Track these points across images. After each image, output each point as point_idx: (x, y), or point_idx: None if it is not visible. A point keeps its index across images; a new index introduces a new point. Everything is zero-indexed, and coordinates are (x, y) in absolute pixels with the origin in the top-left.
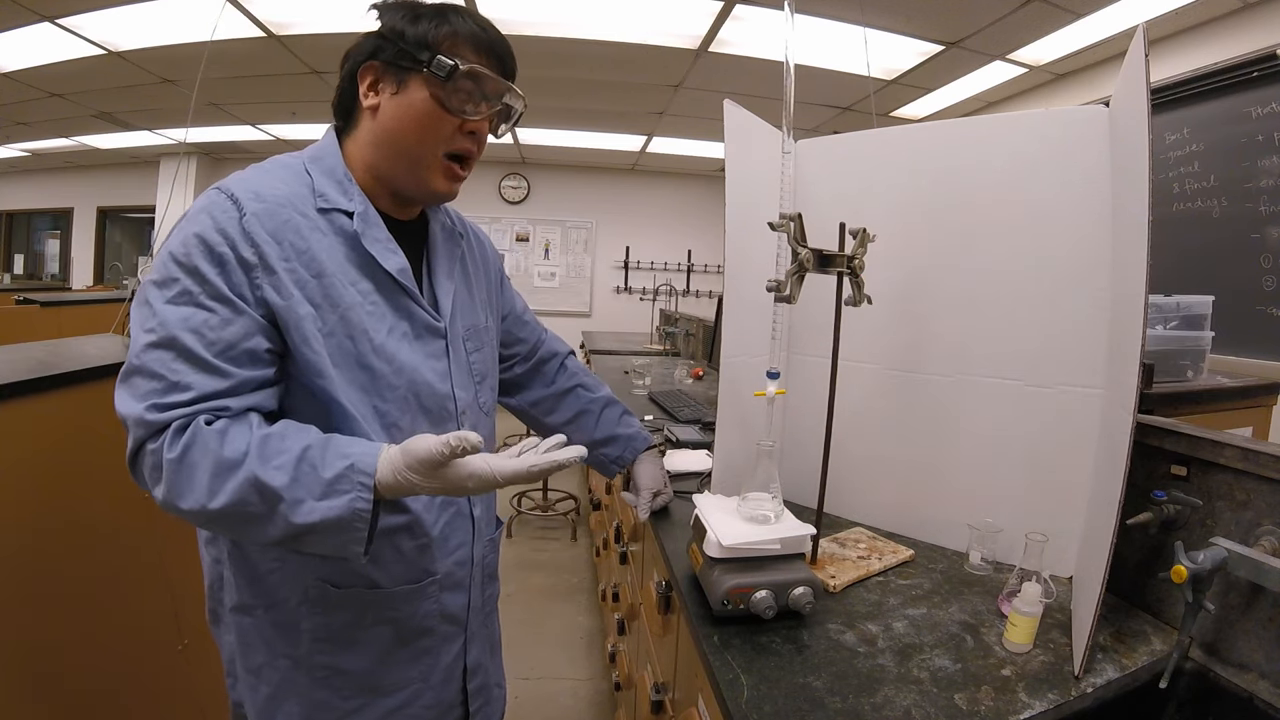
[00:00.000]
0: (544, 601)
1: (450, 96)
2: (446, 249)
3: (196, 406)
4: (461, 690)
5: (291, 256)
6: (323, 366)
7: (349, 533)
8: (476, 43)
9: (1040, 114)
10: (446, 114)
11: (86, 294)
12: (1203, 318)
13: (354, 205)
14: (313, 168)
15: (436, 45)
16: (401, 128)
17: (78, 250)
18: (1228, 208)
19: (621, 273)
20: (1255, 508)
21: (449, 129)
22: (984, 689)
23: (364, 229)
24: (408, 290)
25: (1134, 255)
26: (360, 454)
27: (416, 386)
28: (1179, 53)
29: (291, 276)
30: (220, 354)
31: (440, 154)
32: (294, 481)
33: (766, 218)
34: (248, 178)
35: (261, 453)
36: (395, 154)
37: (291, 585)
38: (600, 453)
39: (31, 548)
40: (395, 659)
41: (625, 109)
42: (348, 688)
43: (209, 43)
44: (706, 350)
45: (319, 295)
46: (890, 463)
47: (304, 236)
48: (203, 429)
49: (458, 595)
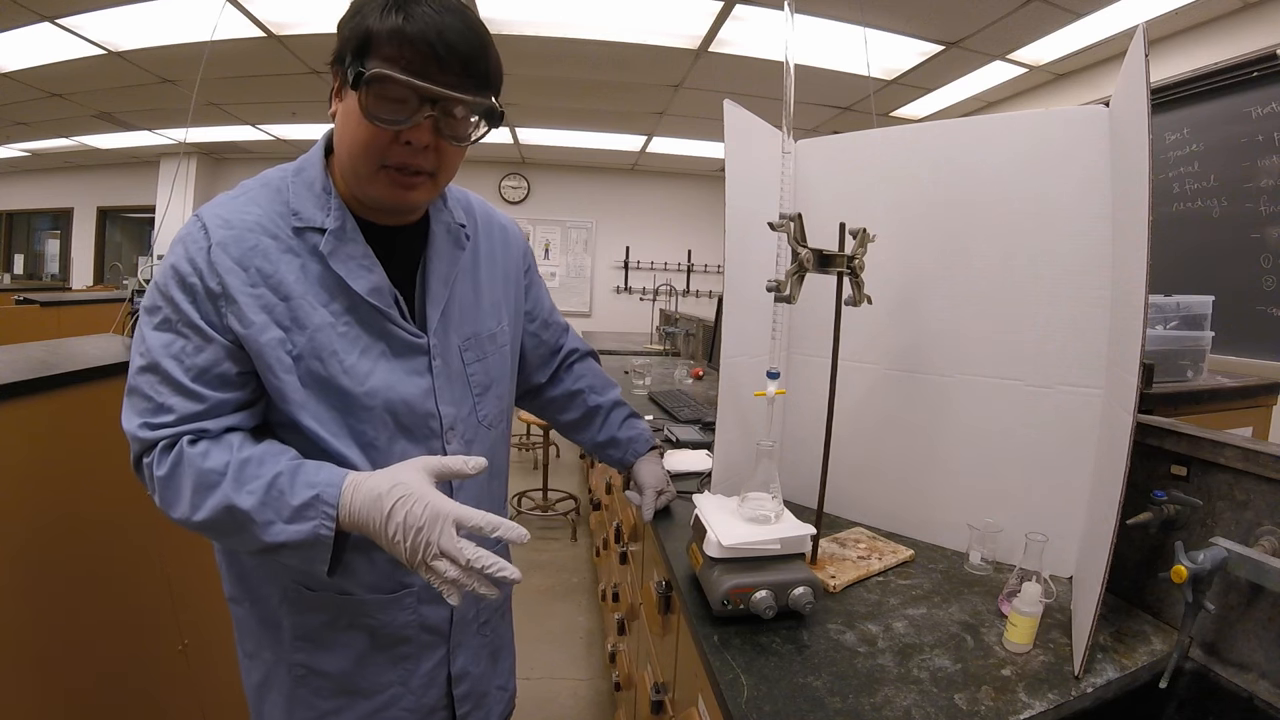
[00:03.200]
0: (544, 601)
1: (370, 103)
2: (446, 253)
3: (180, 428)
4: (446, 695)
5: (259, 282)
6: (287, 392)
7: (314, 553)
8: (395, 38)
9: (1040, 114)
10: (369, 123)
11: (86, 294)
12: (1203, 318)
13: (329, 221)
14: (294, 181)
15: (358, 48)
16: (342, 138)
17: (78, 250)
18: (1228, 208)
19: (621, 273)
20: (1255, 508)
21: (381, 141)
22: (984, 689)
23: (335, 247)
24: (381, 310)
25: (1134, 255)
26: (325, 482)
27: (393, 405)
28: (1179, 53)
29: (258, 302)
30: (196, 379)
31: (375, 166)
32: (263, 505)
33: (766, 218)
34: (222, 202)
35: (237, 477)
36: (343, 164)
37: (271, 584)
38: (603, 454)
39: (31, 547)
40: (372, 663)
41: (625, 109)
42: (325, 688)
43: (209, 43)
44: (706, 350)
45: (287, 318)
46: (891, 462)
47: (271, 260)
48: (187, 450)
49: (438, 608)
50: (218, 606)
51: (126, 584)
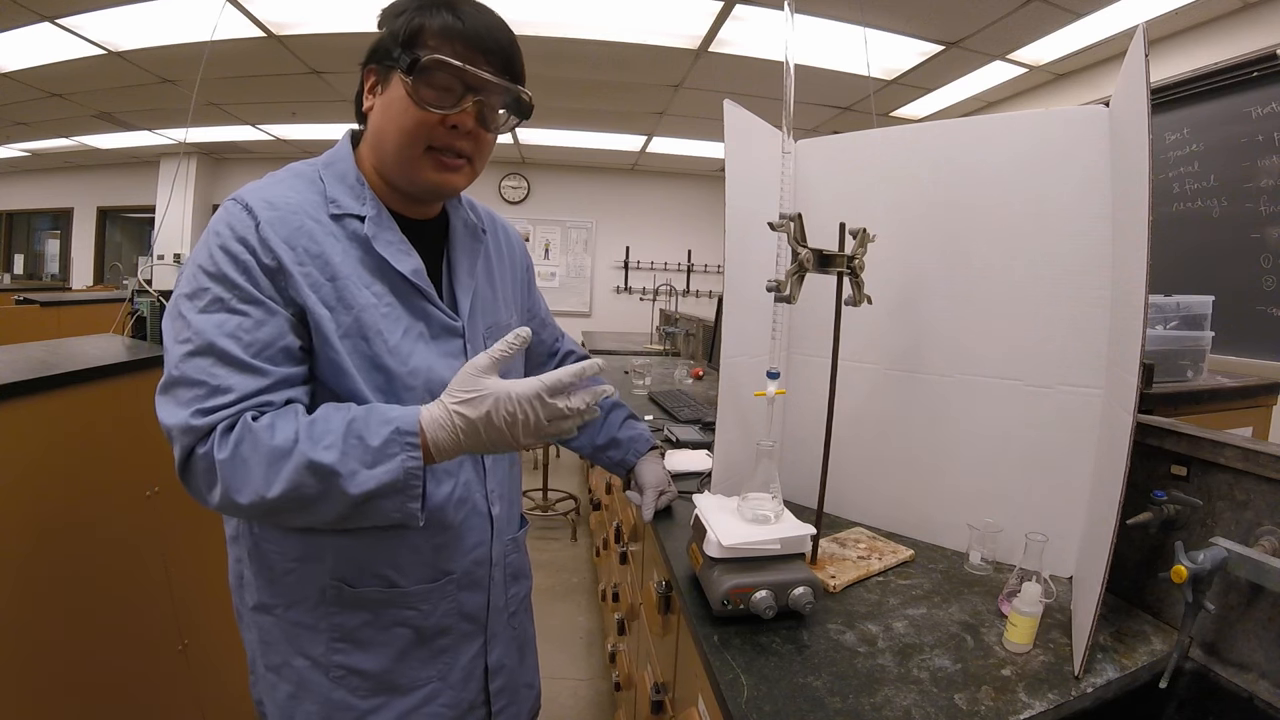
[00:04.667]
0: (544, 601)
1: (420, 90)
2: (468, 246)
3: (239, 406)
4: (483, 690)
5: (306, 260)
6: (344, 364)
7: (404, 493)
8: (447, 32)
9: (1040, 114)
10: (418, 109)
11: (86, 294)
12: (1203, 318)
13: (366, 209)
14: (326, 173)
15: (410, 40)
16: (385, 127)
17: (78, 250)
18: (1228, 208)
19: (621, 273)
20: (1255, 508)
21: (427, 124)
22: (984, 689)
23: (375, 232)
24: (422, 291)
25: (1134, 255)
26: (400, 416)
27: (432, 386)
28: (1179, 53)
29: (307, 280)
30: (258, 354)
31: (421, 149)
32: (344, 455)
33: (766, 218)
34: (261, 187)
35: (310, 435)
36: (384, 153)
37: (309, 585)
38: (603, 456)
39: (31, 548)
40: (412, 658)
41: (625, 109)
42: (365, 688)
43: (209, 43)
44: (706, 350)
45: (333, 298)
46: (890, 463)
47: (318, 241)
48: (250, 425)
49: (476, 594)
50: (218, 607)
51: (126, 584)
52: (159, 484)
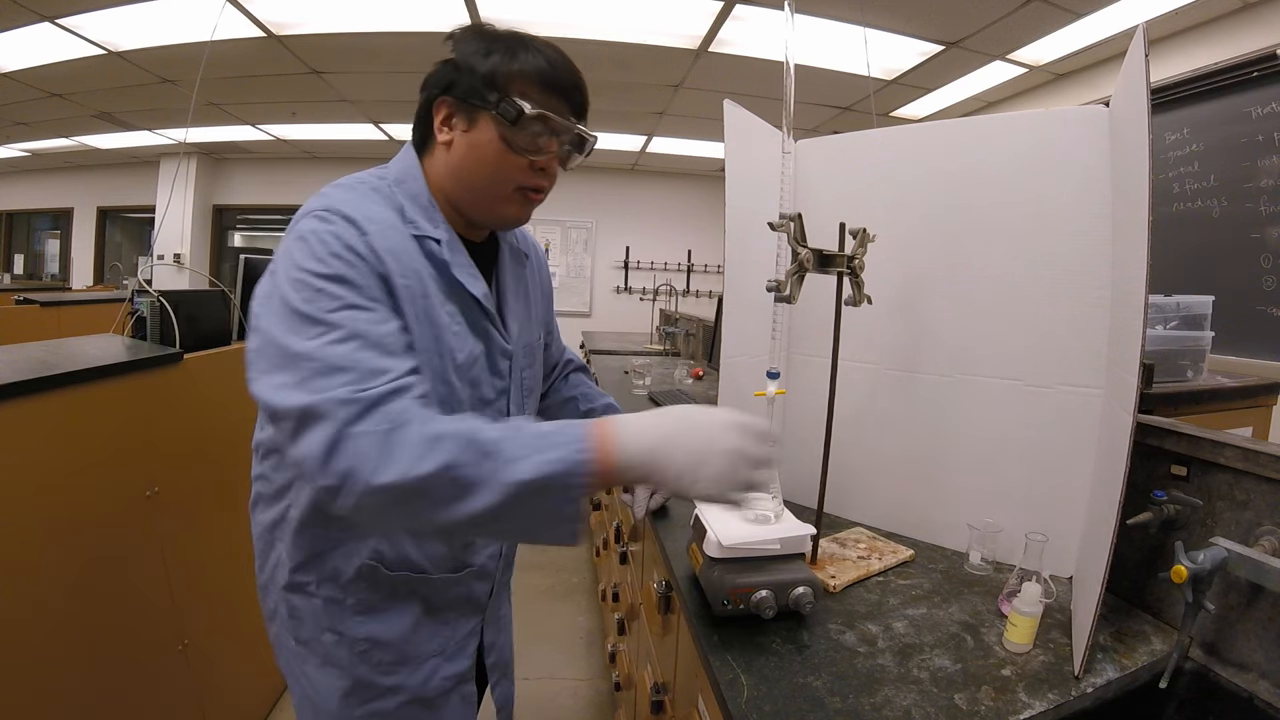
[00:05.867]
0: (544, 601)
1: (517, 137)
2: (514, 271)
3: (401, 381)
4: (476, 664)
5: (407, 275)
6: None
7: (566, 490)
8: (544, 81)
9: (1040, 114)
10: (513, 154)
11: (86, 294)
12: (1203, 318)
13: (440, 233)
14: (399, 191)
15: (505, 86)
16: (472, 166)
17: (78, 250)
18: (1228, 208)
19: (621, 273)
20: (1255, 508)
21: (519, 167)
22: (984, 689)
23: (451, 256)
24: (489, 315)
25: (1134, 255)
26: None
27: (479, 405)
28: (1179, 53)
29: (406, 294)
30: (394, 344)
31: (511, 189)
32: (507, 439)
33: (766, 218)
34: (348, 201)
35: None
36: (467, 188)
37: (347, 562)
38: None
39: (31, 547)
40: (422, 630)
41: (625, 109)
42: (385, 659)
43: (209, 43)
44: (706, 350)
45: (422, 313)
46: (890, 463)
47: (412, 258)
48: (410, 402)
49: (484, 583)
50: (218, 606)
51: (126, 584)
52: (159, 484)
